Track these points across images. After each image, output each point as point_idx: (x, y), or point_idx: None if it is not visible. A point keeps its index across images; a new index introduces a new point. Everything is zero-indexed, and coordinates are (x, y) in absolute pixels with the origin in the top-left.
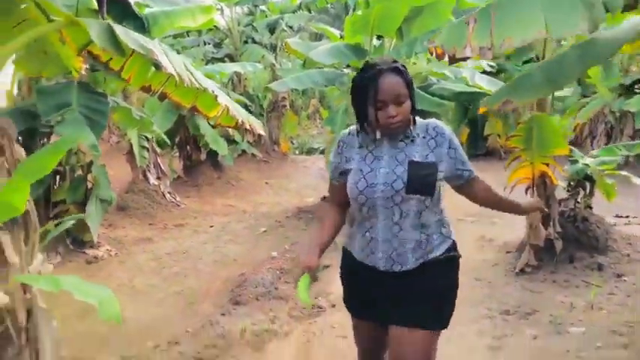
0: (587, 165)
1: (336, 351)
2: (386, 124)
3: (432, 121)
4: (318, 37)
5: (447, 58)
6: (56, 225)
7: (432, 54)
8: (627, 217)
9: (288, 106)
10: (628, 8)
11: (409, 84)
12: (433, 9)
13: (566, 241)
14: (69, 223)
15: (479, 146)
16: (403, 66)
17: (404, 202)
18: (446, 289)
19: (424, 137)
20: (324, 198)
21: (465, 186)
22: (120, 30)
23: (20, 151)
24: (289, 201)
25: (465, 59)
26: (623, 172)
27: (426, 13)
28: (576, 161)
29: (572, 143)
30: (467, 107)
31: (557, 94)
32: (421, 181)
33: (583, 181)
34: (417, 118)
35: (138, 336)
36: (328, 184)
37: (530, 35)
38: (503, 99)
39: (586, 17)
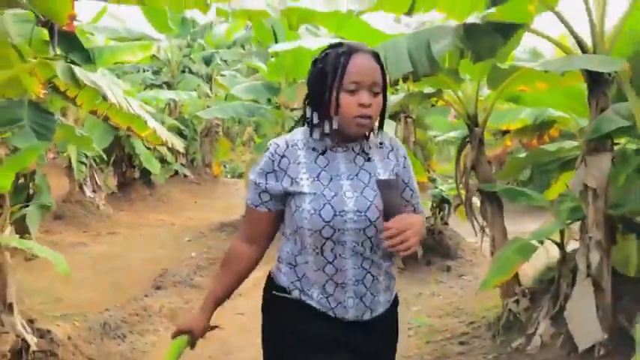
0: (442, 190)
1: (237, 324)
2: (354, 115)
3: (386, 133)
4: (254, 69)
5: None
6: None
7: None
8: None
9: (221, 133)
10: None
11: (385, 79)
12: None
13: (425, 249)
14: (18, 214)
15: None
16: None
17: (378, 233)
18: (397, 332)
19: (381, 148)
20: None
21: None
22: (77, 70)
23: (1, 153)
24: (215, 217)
25: None
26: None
27: None
28: (436, 187)
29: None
30: None
31: None
32: (396, 204)
33: (441, 203)
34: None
35: (73, 309)
36: (246, 212)
37: None
38: None
39: None
